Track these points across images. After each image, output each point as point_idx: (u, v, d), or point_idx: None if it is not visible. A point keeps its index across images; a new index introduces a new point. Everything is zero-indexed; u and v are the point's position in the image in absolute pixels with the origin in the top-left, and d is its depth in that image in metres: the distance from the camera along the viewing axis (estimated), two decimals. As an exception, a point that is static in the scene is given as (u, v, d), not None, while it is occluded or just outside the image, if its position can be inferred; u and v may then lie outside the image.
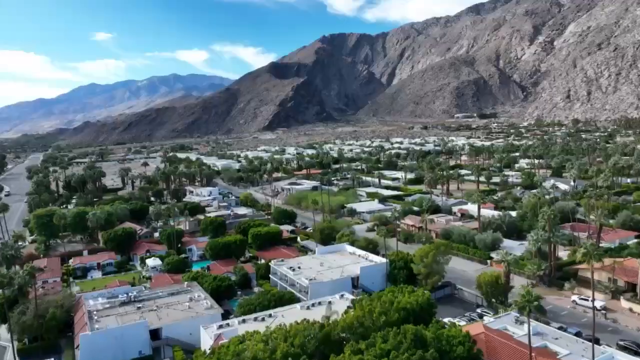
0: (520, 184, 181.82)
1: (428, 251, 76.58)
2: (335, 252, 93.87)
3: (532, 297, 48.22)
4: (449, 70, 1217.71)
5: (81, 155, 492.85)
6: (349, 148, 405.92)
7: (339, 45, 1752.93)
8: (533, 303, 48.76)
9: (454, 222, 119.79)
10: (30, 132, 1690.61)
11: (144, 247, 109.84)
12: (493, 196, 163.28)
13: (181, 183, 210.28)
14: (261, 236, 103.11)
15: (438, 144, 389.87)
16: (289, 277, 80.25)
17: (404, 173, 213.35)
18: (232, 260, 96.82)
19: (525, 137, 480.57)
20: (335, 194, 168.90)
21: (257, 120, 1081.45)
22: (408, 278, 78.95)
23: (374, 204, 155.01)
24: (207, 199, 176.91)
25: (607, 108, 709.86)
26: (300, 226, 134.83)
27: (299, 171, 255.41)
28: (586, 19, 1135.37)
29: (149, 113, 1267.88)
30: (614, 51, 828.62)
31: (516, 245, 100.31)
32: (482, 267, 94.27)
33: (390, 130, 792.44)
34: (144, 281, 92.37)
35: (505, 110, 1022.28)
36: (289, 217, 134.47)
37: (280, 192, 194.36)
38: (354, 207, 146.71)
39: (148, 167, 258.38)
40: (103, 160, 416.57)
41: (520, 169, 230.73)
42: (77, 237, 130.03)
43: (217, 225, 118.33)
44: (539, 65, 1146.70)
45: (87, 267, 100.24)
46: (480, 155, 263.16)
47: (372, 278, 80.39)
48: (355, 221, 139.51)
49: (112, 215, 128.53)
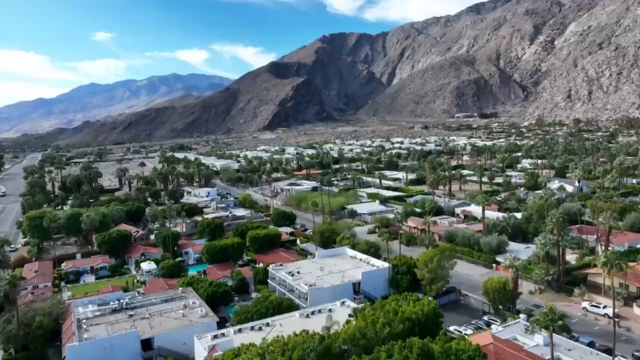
0: (524, 184, 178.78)
1: (432, 256, 73.61)
2: (336, 256, 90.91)
3: (556, 315, 44.81)
4: (450, 69, 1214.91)
5: (79, 155, 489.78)
6: (349, 148, 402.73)
7: (339, 45, 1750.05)
8: (557, 322, 45.28)
9: (457, 224, 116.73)
10: (30, 131, 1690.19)
11: (139, 250, 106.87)
12: (496, 197, 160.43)
13: (179, 184, 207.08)
14: (259, 239, 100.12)
15: (439, 144, 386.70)
16: (288, 283, 77.31)
17: (405, 173, 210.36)
18: (229, 264, 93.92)
19: (527, 137, 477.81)
20: (336, 195, 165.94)
21: (256, 120, 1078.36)
22: (411, 283, 76.03)
23: (375, 205, 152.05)
24: (205, 199, 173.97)
25: (608, 108, 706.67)
26: (299, 228, 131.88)
27: (298, 171, 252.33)
28: (587, 19, 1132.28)
29: (149, 113, 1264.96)
30: (615, 51, 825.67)
31: (522, 248, 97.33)
32: (488, 271, 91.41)
33: (390, 130, 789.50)
34: (138, 286, 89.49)
35: (505, 109, 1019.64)
36: (288, 218, 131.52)
37: (279, 192, 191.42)
38: (354, 208, 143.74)
39: (145, 167, 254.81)
40: (101, 160, 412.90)
41: (523, 169, 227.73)
42: (71, 240, 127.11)
43: (214, 227, 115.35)
44: (540, 64, 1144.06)
45: (80, 271, 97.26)
46: (482, 155, 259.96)
47: (374, 283, 77.46)
48: (356, 223, 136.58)
49: (107, 217, 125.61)
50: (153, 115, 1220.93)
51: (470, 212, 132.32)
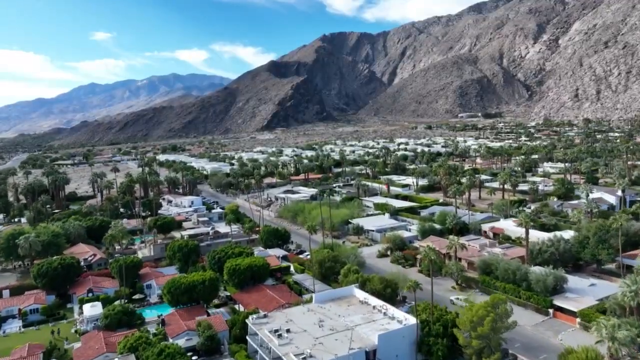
0: (553, 193, 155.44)
1: (482, 314, 50.49)
2: (340, 300, 67.64)
3: None
4: (452, 68, 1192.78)
5: (67, 156, 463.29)
6: (351, 149, 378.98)
7: (339, 44, 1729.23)
8: None
9: (490, 248, 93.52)
10: (29, 131, 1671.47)
11: (89, 282, 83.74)
12: (524, 208, 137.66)
13: (159, 191, 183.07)
14: (241, 272, 76.96)
15: (446, 145, 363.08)
16: (273, 349, 54.11)
17: (415, 179, 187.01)
18: (198, 308, 70.95)
19: (537, 137, 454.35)
20: (338, 205, 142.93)
21: (255, 119, 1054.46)
22: (449, 350, 53.09)
23: (384, 219, 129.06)
24: (187, 210, 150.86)
25: (618, 107, 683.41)
26: (294, 250, 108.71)
27: (296, 176, 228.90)
28: (592, 17, 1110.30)
29: (146, 112, 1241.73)
30: (624, 49, 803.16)
31: (585, 286, 74.16)
32: (543, 318, 68.44)
33: (392, 130, 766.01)
34: (73, 339, 66.43)
35: (510, 109, 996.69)
36: (281, 237, 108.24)
37: (273, 201, 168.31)
38: (360, 223, 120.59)
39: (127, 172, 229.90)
40: (87, 162, 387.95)
41: (546, 173, 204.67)
42: (14, 265, 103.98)
43: (187, 251, 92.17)
44: (544, 63, 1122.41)
45: (3, 315, 74.11)
46: (497, 158, 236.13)
47: (396, 349, 54.23)
48: (363, 242, 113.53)
49: (59, 236, 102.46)
50: (150, 115, 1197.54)
51: (502, 230, 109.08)
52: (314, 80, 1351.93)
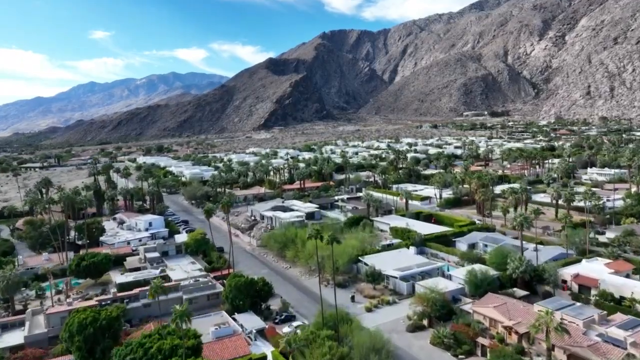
0: (625, 211, 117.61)
1: None
2: None
3: None
4: (455, 66, 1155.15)
5: (41, 158, 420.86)
6: (354, 150, 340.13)
7: (339, 42, 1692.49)
8: None
9: (603, 327, 55.55)
10: (26, 130, 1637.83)
11: None
12: (596, 236, 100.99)
13: (115, 205, 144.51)
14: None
15: (462, 146, 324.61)
16: None
17: (438, 190, 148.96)
18: None
19: (554, 137, 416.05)
20: (342, 229, 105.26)
21: (252, 118, 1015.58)
22: None
23: (408, 254, 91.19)
24: (141, 236, 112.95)
25: (635, 105, 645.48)
26: (277, 313, 70.69)
27: (290, 184, 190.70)
28: (599, 13, 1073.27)
29: (140, 111, 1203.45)
30: (637, 44, 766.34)
31: None
32: None
33: (396, 129, 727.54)
34: None
35: (516, 107, 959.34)
36: (257, 294, 70.15)
37: (258, 221, 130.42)
38: (376, 265, 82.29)
39: (72, 182, 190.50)
40: (59, 165, 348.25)
41: (593, 182, 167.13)
42: None
43: (95, 331, 54.30)
44: (550, 61, 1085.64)
45: None
46: (530, 162, 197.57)
47: None
48: (382, 297, 75.70)
49: None
50: (144, 113, 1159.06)
51: (595, 282, 70.66)
52: (314, 78, 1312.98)
